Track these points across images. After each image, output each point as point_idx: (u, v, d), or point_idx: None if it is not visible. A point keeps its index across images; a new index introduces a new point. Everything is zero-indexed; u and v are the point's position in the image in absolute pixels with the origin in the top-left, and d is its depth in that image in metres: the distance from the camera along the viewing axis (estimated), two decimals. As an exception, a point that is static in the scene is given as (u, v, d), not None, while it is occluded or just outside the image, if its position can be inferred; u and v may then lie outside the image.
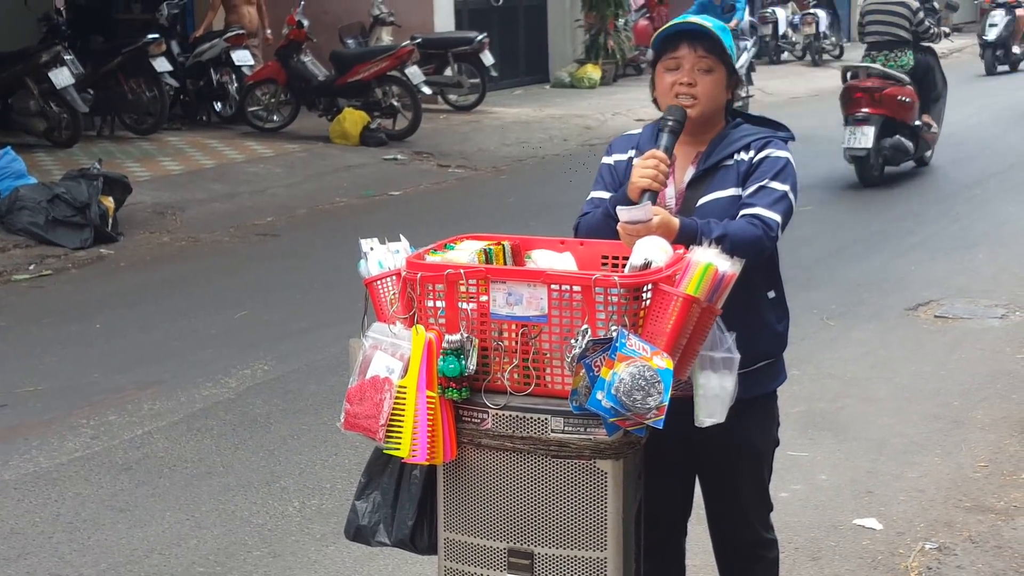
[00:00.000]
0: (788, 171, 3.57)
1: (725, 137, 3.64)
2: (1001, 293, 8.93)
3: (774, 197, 3.51)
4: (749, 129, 3.67)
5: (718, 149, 3.61)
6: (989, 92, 21.94)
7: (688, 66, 3.56)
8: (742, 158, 3.59)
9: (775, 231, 3.49)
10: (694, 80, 3.56)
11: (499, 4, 22.19)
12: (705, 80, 3.57)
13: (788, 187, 3.55)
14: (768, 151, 3.58)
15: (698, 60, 3.56)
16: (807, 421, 6.49)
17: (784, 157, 3.59)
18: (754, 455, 3.76)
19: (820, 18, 26.58)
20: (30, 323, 8.78)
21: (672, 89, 3.58)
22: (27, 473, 6.07)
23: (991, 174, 13.84)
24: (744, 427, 3.55)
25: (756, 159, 3.57)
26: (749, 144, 3.60)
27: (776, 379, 3.79)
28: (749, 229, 3.44)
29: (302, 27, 16.35)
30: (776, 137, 3.65)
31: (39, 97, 14.73)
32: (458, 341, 3.13)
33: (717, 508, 3.84)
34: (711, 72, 3.57)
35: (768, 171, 3.55)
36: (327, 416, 6.53)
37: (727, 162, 3.60)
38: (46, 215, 10.93)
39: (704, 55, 3.57)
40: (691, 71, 3.56)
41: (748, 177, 3.56)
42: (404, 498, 3.37)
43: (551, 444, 3.13)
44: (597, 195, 3.71)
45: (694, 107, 3.56)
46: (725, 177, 3.57)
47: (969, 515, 5.40)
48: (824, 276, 9.46)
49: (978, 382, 7.10)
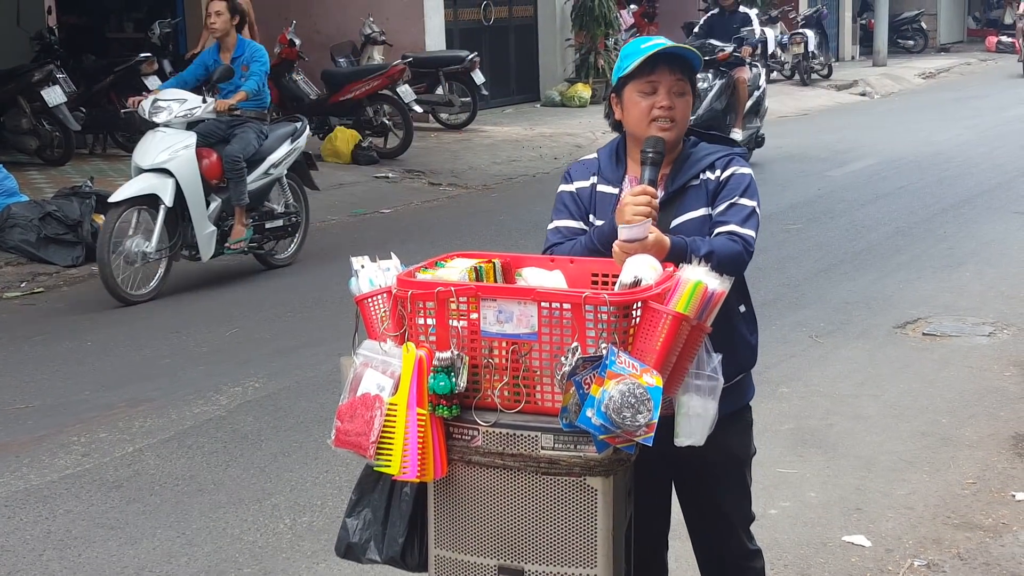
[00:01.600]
0: (753, 187, 3.64)
1: (688, 157, 3.68)
2: (988, 311, 8.97)
3: (745, 214, 3.57)
4: (708, 148, 3.71)
5: (683, 170, 3.65)
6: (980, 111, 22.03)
7: (665, 89, 3.59)
8: (709, 177, 3.63)
9: (752, 246, 3.56)
10: (672, 103, 3.59)
11: (490, 23, 22.26)
12: (680, 103, 3.60)
13: (755, 203, 3.62)
14: (733, 169, 3.64)
15: (675, 83, 3.59)
16: (796, 438, 6.51)
17: (748, 174, 3.66)
18: (736, 467, 3.80)
19: (808, 38, 26.67)
20: (21, 340, 8.78)
21: (650, 112, 3.59)
22: (18, 490, 6.07)
23: (978, 193, 13.89)
24: (726, 441, 3.57)
25: (723, 177, 3.62)
26: (714, 163, 3.65)
27: (749, 391, 3.83)
28: (731, 245, 3.50)
29: (294, 46, 16.39)
30: (736, 154, 3.71)
31: (31, 115, 14.76)
32: (448, 359, 3.15)
33: (701, 522, 3.87)
34: (684, 95, 3.62)
35: (736, 189, 3.61)
36: (318, 433, 6.54)
37: (694, 182, 3.63)
38: (38, 233, 10.94)
39: (680, 78, 3.60)
40: (669, 94, 3.59)
41: (717, 195, 3.61)
42: (395, 515, 3.38)
43: (541, 461, 3.14)
44: (563, 224, 3.71)
45: (671, 130, 3.59)
46: (695, 197, 3.60)
47: (958, 532, 5.42)
48: (813, 295, 9.49)
49: (966, 399, 7.13)
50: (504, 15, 22.83)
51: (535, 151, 17.39)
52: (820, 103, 24.55)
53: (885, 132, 19.66)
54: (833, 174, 15.40)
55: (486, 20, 22.28)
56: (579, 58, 22.70)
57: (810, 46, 26.75)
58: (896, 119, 21.53)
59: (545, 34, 23.25)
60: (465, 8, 21.97)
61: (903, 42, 36.20)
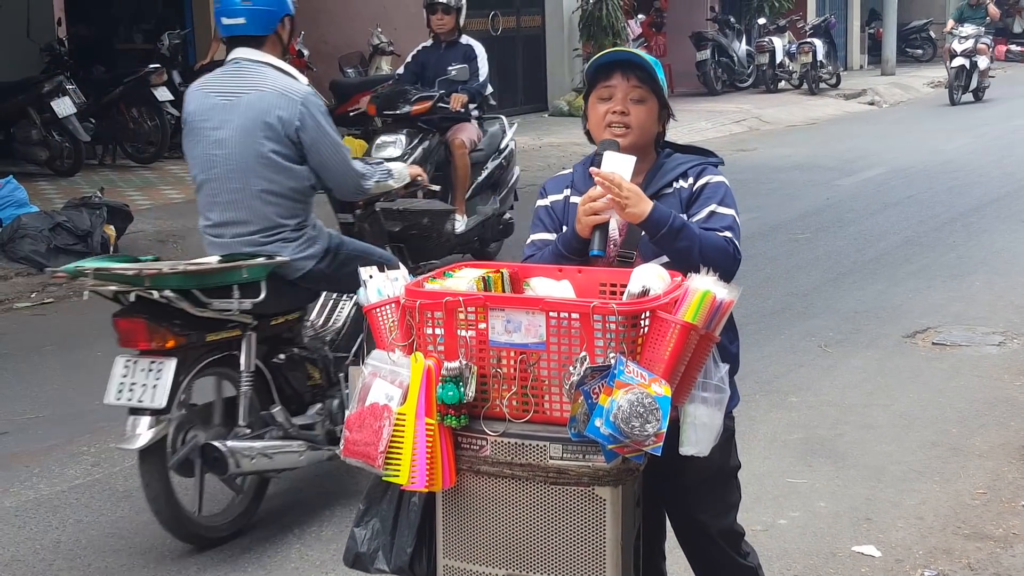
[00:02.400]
0: (730, 196, 3.67)
1: (661, 167, 3.71)
2: (998, 320, 8.95)
3: (727, 222, 3.60)
4: (682, 158, 3.75)
5: (656, 179, 3.68)
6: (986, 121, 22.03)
7: (621, 95, 3.63)
8: (681, 185, 3.66)
9: (739, 252, 3.57)
10: (627, 109, 3.62)
11: (498, 33, 22.27)
12: (637, 110, 3.63)
13: (734, 212, 3.65)
14: (707, 178, 3.67)
15: (631, 89, 3.63)
16: (805, 448, 6.50)
17: (723, 182, 3.69)
18: (716, 476, 3.73)
19: (816, 47, 26.64)
20: (32, 351, 8.79)
21: (605, 118, 3.64)
22: (28, 500, 6.08)
23: (987, 202, 13.87)
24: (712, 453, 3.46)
25: (696, 186, 3.65)
26: (686, 172, 3.68)
27: (731, 400, 3.65)
28: (718, 240, 3.52)
29: (302, 56, 16.43)
30: (709, 163, 3.73)
31: (41, 126, 14.78)
32: (457, 368, 3.15)
33: (684, 537, 3.85)
34: (643, 102, 3.64)
35: (712, 196, 3.63)
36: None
37: (666, 191, 3.66)
38: (48, 243, 10.95)
39: (637, 85, 3.64)
40: (624, 100, 3.63)
41: (691, 204, 3.63)
42: (403, 525, 3.38)
43: (550, 471, 3.14)
44: (539, 237, 3.75)
45: (626, 136, 3.62)
46: (668, 206, 3.58)
47: (968, 542, 5.40)
48: (821, 304, 9.47)
49: (976, 409, 7.11)
50: (512, 25, 22.84)
51: (543, 161, 17.38)
52: (828, 112, 24.54)
53: (894, 141, 19.64)
54: (842, 183, 15.38)
55: (494, 30, 22.28)
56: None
57: (818, 55, 26.72)
58: (905, 128, 21.52)
59: (553, 44, 23.25)
60: (472, 18, 21.83)
61: (912, 51, 36.15)
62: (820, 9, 32.20)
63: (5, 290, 10.39)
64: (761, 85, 27.17)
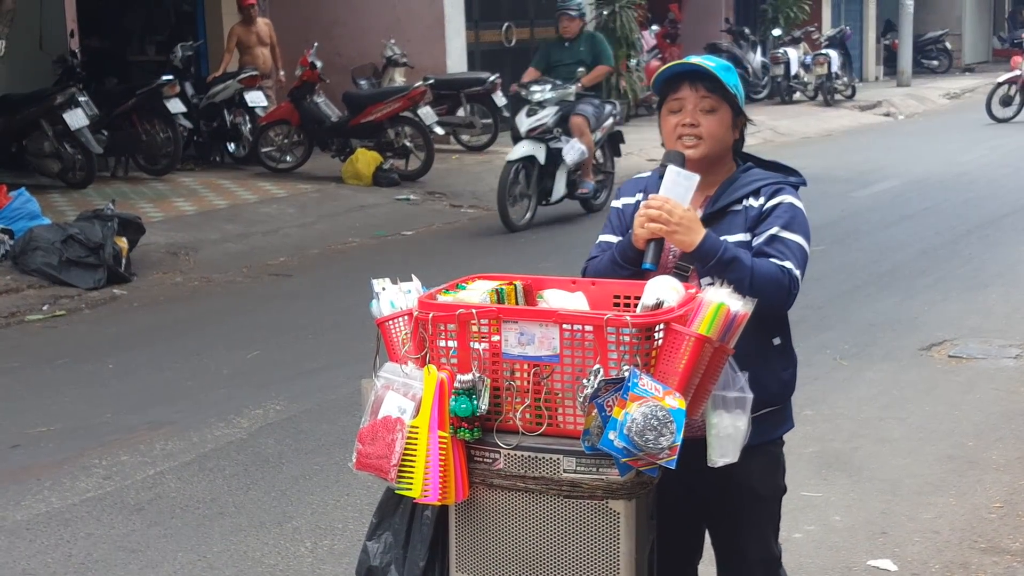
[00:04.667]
0: (800, 220, 3.54)
1: (735, 181, 3.62)
2: (1015, 333, 8.91)
3: (790, 249, 3.49)
4: (760, 174, 3.63)
5: (727, 193, 3.59)
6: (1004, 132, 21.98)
7: (691, 106, 3.56)
8: (751, 204, 3.56)
9: (797, 284, 3.47)
10: (696, 120, 3.55)
11: (511, 45, 22.28)
12: (708, 120, 3.55)
13: (801, 238, 3.52)
14: (780, 198, 3.55)
15: (700, 100, 3.55)
16: (821, 461, 6.47)
17: (795, 204, 3.56)
18: (757, 502, 3.67)
19: (832, 58, 26.65)
20: (43, 363, 8.79)
21: (676, 130, 3.57)
22: (39, 513, 6.06)
23: (1003, 214, 13.83)
24: (746, 473, 3.46)
25: (767, 206, 3.54)
26: (759, 189, 3.57)
27: (780, 426, 3.70)
28: (774, 270, 3.42)
29: (315, 68, 16.43)
30: (787, 183, 3.62)
31: (54, 138, 14.82)
32: (470, 381, 3.13)
33: (721, 556, 3.80)
34: (714, 112, 3.56)
35: (779, 219, 3.52)
36: (339, 456, 6.52)
37: (735, 207, 3.57)
38: (60, 256, 10.96)
39: (706, 95, 3.55)
40: (693, 111, 3.55)
41: (758, 224, 3.53)
42: (416, 539, 3.35)
43: (563, 484, 3.12)
44: (605, 239, 3.70)
45: (698, 147, 3.55)
46: (732, 222, 3.54)
47: (985, 556, 5.36)
48: (837, 316, 9.44)
49: (993, 422, 7.07)
50: (526, 37, 22.84)
51: (557, 173, 17.38)
52: (844, 124, 24.51)
53: (909, 153, 19.61)
54: (857, 195, 15.37)
55: (507, 42, 22.30)
56: (601, 80, 22.71)
57: (834, 67, 26.72)
58: (920, 140, 21.48)
59: (567, 56, 23.24)
60: (486, 30, 22.01)
61: (927, 62, 36.12)
62: (835, 20, 32.21)
63: (17, 302, 10.40)
64: (776, 97, 27.17)
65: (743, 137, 3.70)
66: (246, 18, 17.67)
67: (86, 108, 14.71)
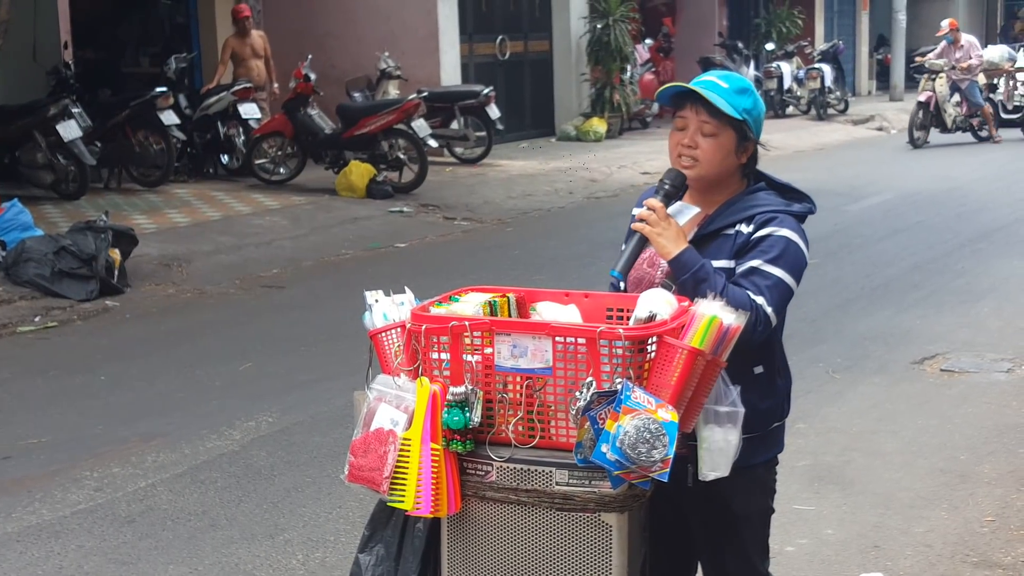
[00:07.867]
0: (788, 255, 3.48)
1: (735, 203, 3.57)
2: (1007, 347, 8.91)
3: (769, 284, 3.42)
4: (762, 199, 3.57)
5: (722, 216, 3.55)
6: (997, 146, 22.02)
7: (692, 128, 3.55)
8: (741, 230, 3.51)
9: (764, 322, 3.40)
10: (695, 143, 3.53)
11: (505, 58, 22.32)
12: (707, 144, 3.52)
13: (786, 273, 3.45)
14: (770, 230, 3.49)
15: (701, 124, 3.53)
16: (813, 475, 6.47)
17: (786, 237, 3.49)
18: (736, 521, 3.62)
19: (825, 73, 26.69)
20: (35, 375, 8.77)
21: (676, 148, 3.57)
22: (30, 525, 6.05)
23: (995, 228, 13.85)
24: (725, 493, 3.44)
25: (755, 236, 3.49)
26: (753, 216, 3.52)
27: (761, 453, 3.60)
28: (746, 303, 3.34)
29: (309, 80, 16.44)
30: (788, 212, 3.57)
31: (47, 150, 14.80)
32: (462, 393, 3.13)
33: (707, 573, 3.79)
34: (714, 136, 3.52)
35: (765, 252, 3.46)
36: (331, 468, 6.51)
37: (727, 231, 3.53)
38: (52, 267, 10.94)
39: (707, 120, 3.52)
40: (694, 133, 3.54)
41: (743, 253, 3.48)
42: (408, 551, 3.35)
43: (556, 497, 3.12)
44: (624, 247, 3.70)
45: (693, 169, 3.54)
46: (721, 246, 3.51)
47: (976, 570, 5.36)
48: (830, 330, 9.45)
49: (984, 436, 7.07)
50: (520, 50, 22.89)
51: (550, 185, 17.41)
52: (836, 138, 24.55)
53: (902, 167, 19.64)
54: (850, 209, 15.37)
55: (501, 55, 22.34)
56: (594, 92, 22.75)
57: (826, 81, 26.76)
58: (913, 154, 21.51)
59: (560, 68, 23.30)
60: (480, 43, 22.04)
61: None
62: (828, 35, 32.28)
63: (9, 314, 10.38)
64: (769, 110, 27.10)
65: (755, 159, 3.65)
66: (240, 30, 17.69)
67: (79, 119, 14.70)
